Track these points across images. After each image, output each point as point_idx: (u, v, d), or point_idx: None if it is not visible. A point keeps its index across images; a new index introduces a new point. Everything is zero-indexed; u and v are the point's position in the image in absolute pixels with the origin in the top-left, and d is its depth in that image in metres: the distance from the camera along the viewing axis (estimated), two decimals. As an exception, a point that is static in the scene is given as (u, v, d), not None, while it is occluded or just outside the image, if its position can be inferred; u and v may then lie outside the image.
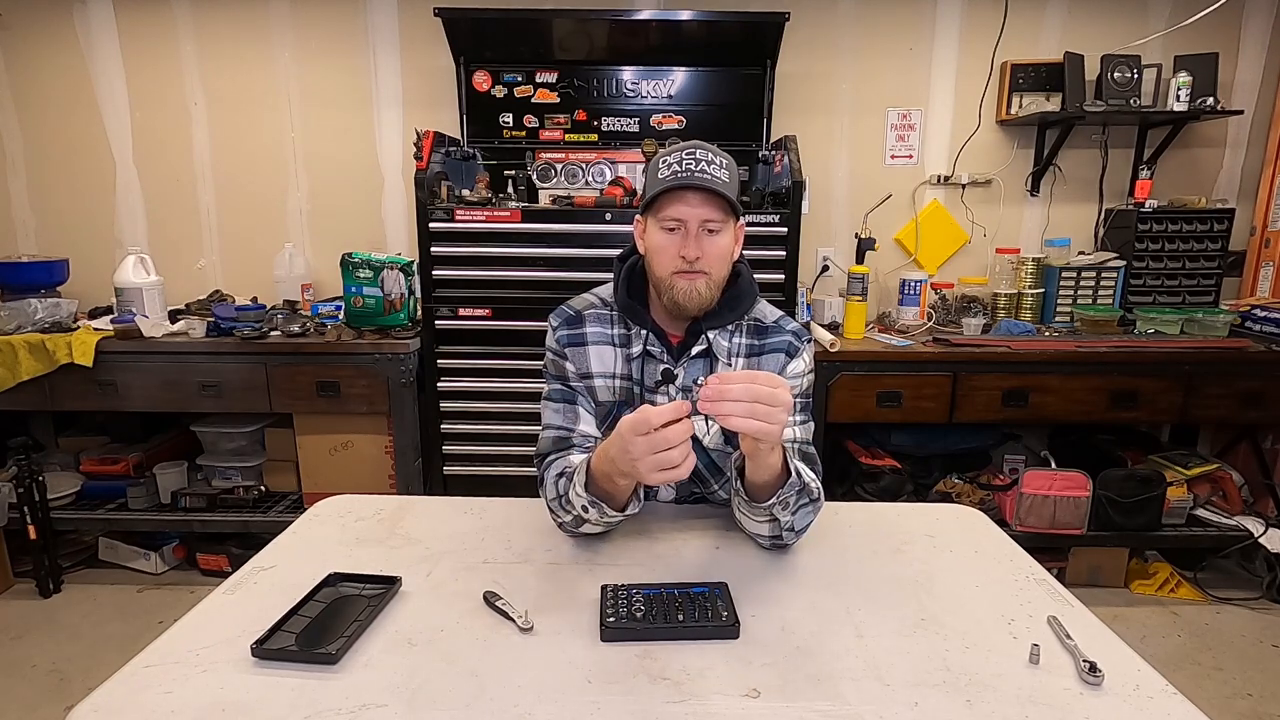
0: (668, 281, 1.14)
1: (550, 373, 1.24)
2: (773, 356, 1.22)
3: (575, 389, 1.21)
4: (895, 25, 2.78)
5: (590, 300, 1.26)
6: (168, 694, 0.78)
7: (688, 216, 1.10)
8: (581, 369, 1.22)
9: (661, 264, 1.13)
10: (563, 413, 1.20)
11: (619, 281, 1.24)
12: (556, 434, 1.20)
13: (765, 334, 1.23)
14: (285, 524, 1.22)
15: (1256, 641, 2.30)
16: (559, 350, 1.22)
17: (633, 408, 1.12)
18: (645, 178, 1.21)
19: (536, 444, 1.22)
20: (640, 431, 0.90)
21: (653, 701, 0.78)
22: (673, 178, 1.09)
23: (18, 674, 2.11)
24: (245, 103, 2.82)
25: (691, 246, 1.10)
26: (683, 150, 1.12)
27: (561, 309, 1.26)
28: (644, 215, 1.17)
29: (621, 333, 1.23)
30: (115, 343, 2.37)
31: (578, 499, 1.06)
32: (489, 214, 2.32)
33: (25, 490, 2.41)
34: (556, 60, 2.68)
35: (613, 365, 1.21)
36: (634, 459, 0.91)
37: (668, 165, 1.11)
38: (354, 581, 0.99)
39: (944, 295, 2.80)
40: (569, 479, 1.09)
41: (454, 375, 2.43)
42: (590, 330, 1.22)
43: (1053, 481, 2.45)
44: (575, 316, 1.24)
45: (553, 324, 1.25)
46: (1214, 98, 2.59)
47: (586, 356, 1.22)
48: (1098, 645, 0.88)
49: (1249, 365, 2.39)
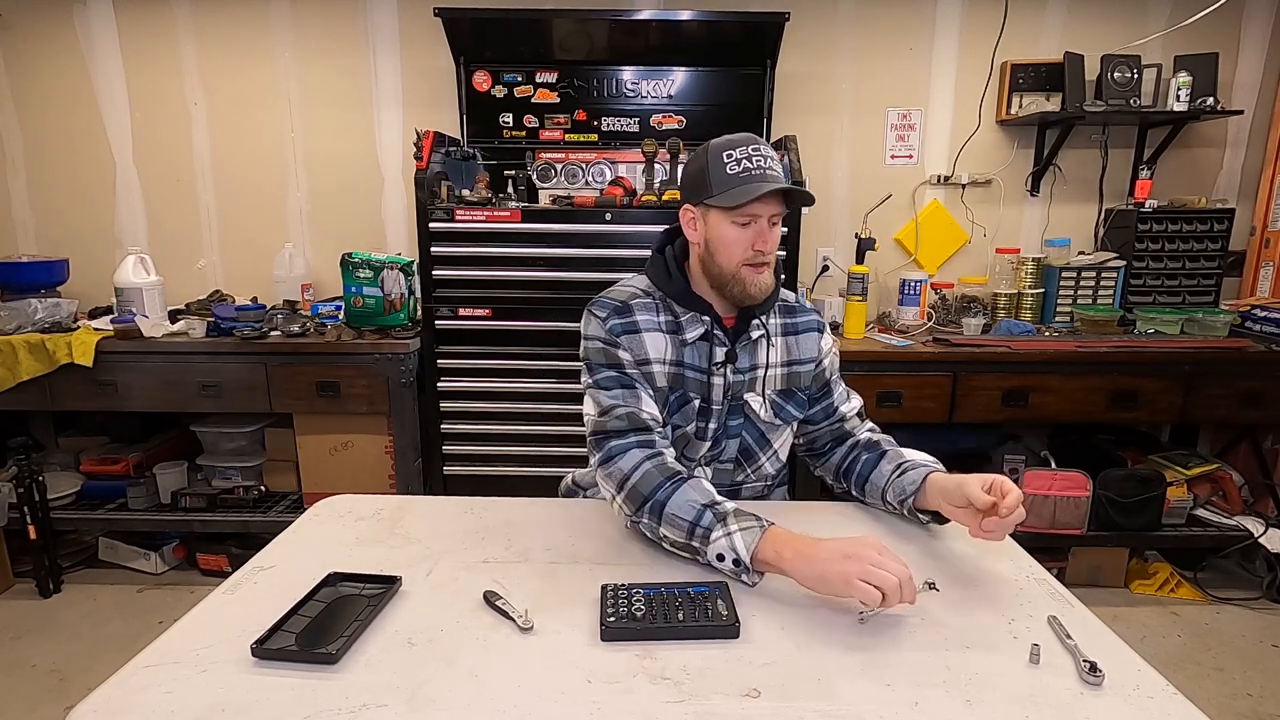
0: (736, 274, 1.18)
1: (598, 362, 1.22)
2: (807, 336, 1.33)
3: (632, 375, 1.20)
4: (895, 25, 2.78)
5: (631, 290, 1.27)
6: (168, 694, 0.78)
7: (764, 212, 1.16)
8: (639, 355, 1.22)
9: (731, 256, 1.18)
10: (623, 396, 1.18)
11: (667, 270, 1.25)
12: (627, 410, 1.17)
13: (794, 314, 1.33)
14: (285, 524, 1.22)
15: (1256, 641, 2.30)
16: (610, 339, 1.21)
17: (683, 394, 1.22)
18: (689, 169, 1.22)
19: (595, 423, 1.18)
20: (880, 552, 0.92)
21: (653, 701, 0.78)
22: (745, 174, 1.13)
23: (18, 674, 2.11)
24: (245, 102, 2.82)
25: (767, 239, 1.17)
26: (747, 145, 1.15)
27: (602, 300, 1.25)
28: (701, 206, 1.19)
29: (669, 319, 1.24)
30: (115, 343, 2.37)
31: (719, 542, 1.00)
32: (489, 214, 2.32)
33: (25, 490, 2.41)
34: (556, 60, 2.68)
35: (664, 352, 1.23)
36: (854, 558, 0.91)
37: (735, 160, 1.14)
38: (354, 581, 0.99)
39: (944, 295, 2.79)
40: (708, 510, 1.03)
41: (454, 375, 2.43)
42: (641, 318, 1.23)
43: (1053, 481, 2.45)
44: (622, 306, 1.23)
45: (598, 315, 1.23)
46: (1214, 98, 2.59)
47: (642, 343, 1.22)
48: (1098, 645, 0.88)
49: (1249, 365, 2.39)
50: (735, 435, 1.29)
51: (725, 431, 1.28)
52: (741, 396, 1.27)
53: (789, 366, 1.31)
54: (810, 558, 0.94)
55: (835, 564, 0.92)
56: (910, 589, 0.89)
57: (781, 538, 0.98)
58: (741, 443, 1.30)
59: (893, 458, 1.25)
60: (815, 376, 1.34)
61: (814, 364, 1.32)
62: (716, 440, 1.28)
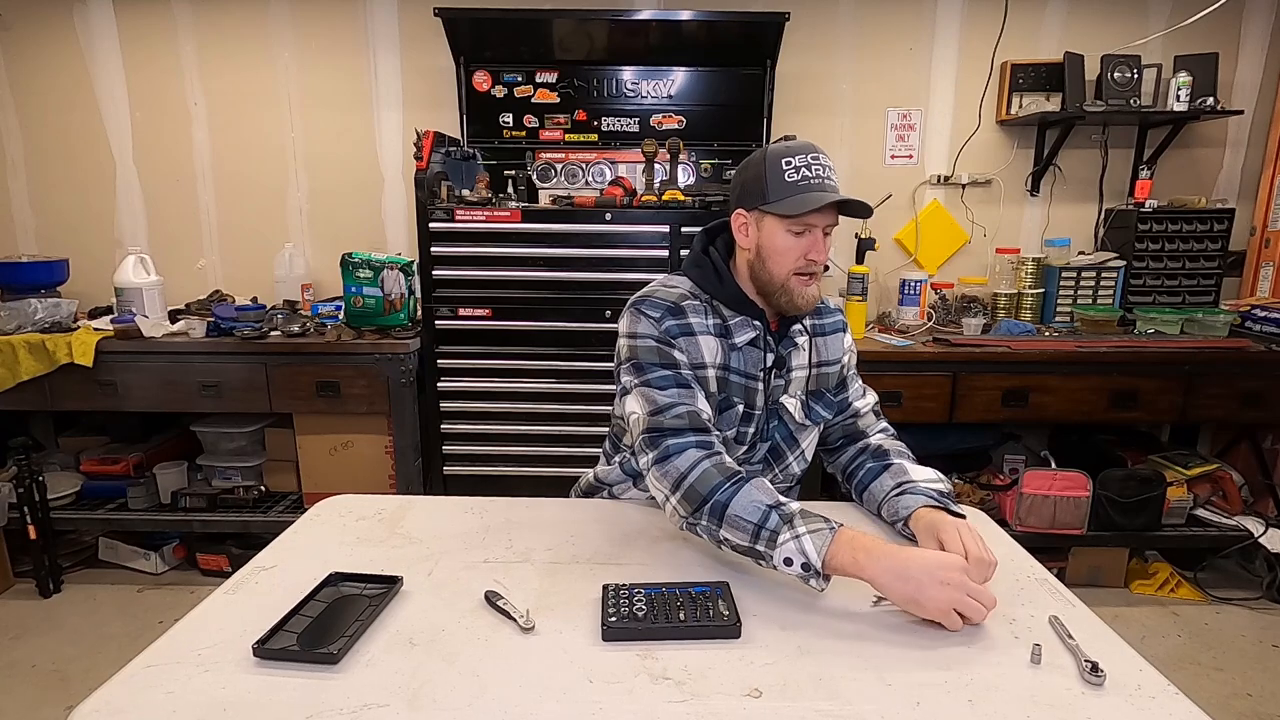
0: (786, 283, 1.18)
1: (649, 361, 1.17)
2: (835, 336, 1.34)
3: (687, 375, 1.17)
4: (895, 25, 2.78)
5: (680, 291, 1.23)
6: (169, 694, 0.78)
7: (820, 223, 1.15)
8: (695, 359, 1.19)
9: (783, 264, 1.17)
10: (680, 395, 1.14)
11: (715, 274, 1.23)
12: (689, 410, 1.12)
13: (822, 315, 1.34)
14: (285, 524, 1.22)
15: (1256, 641, 2.30)
16: (666, 339, 1.17)
17: (727, 398, 1.21)
18: (744, 173, 1.20)
19: (649, 421, 1.12)
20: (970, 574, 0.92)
21: (654, 701, 0.78)
22: (805, 183, 1.12)
23: (18, 674, 2.11)
24: (245, 102, 2.82)
25: (822, 251, 1.16)
26: (807, 154, 1.14)
27: (653, 300, 1.20)
28: (756, 212, 1.17)
29: (716, 322, 1.22)
30: (115, 343, 2.37)
31: (786, 545, 0.96)
32: (489, 214, 2.32)
33: (25, 490, 2.41)
34: (556, 60, 2.68)
35: (715, 354, 1.21)
36: (946, 584, 0.90)
37: (794, 168, 1.13)
38: (355, 581, 0.99)
39: (944, 295, 2.80)
40: (774, 511, 0.99)
41: (454, 375, 2.43)
42: (694, 320, 1.20)
43: (1053, 481, 2.45)
44: (675, 307, 1.20)
45: (650, 314, 1.19)
46: (1214, 98, 2.59)
47: (698, 345, 1.20)
48: (1099, 645, 0.88)
49: (1249, 365, 2.39)
50: (769, 438, 1.29)
51: (761, 434, 1.28)
52: (779, 400, 1.27)
53: (819, 368, 1.32)
54: (901, 574, 0.91)
55: (931, 589, 0.89)
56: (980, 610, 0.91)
57: (857, 541, 0.95)
58: (772, 444, 1.30)
59: (896, 473, 1.23)
60: (836, 374, 1.35)
61: (839, 364, 1.34)
62: (752, 444, 1.28)
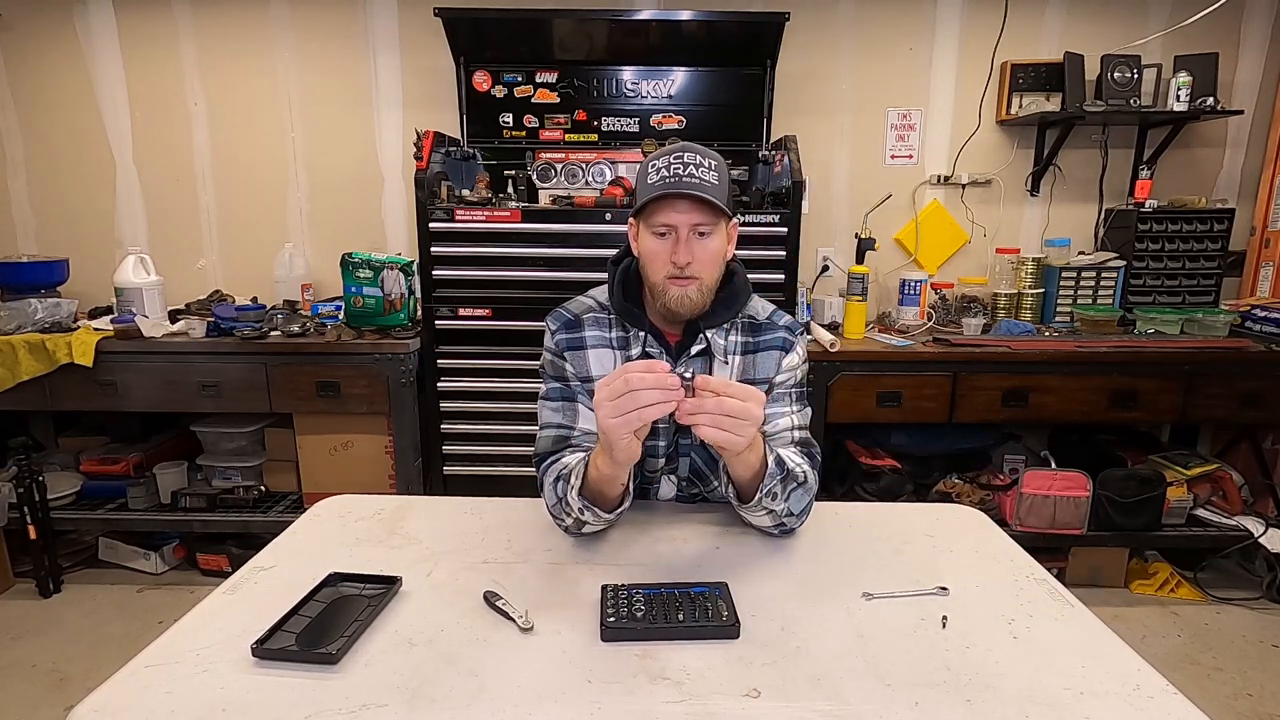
0: (660, 287, 1.14)
1: (548, 373, 1.25)
2: (767, 354, 1.22)
3: (575, 388, 1.22)
4: (895, 25, 2.78)
5: (588, 304, 1.26)
6: (168, 694, 0.78)
7: (677, 222, 1.10)
8: (581, 372, 1.22)
9: (654, 269, 1.14)
10: (562, 411, 1.21)
11: (614, 284, 1.24)
12: (556, 433, 1.20)
13: (759, 331, 1.24)
14: (285, 524, 1.22)
15: (1256, 641, 2.30)
16: (557, 353, 1.23)
17: None
18: (636, 182, 1.20)
19: (535, 444, 1.22)
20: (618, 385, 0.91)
21: (653, 701, 0.78)
22: (661, 184, 1.09)
23: (18, 674, 2.11)
24: (245, 103, 2.82)
25: (682, 252, 1.10)
26: (670, 154, 1.11)
27: (559, 311, 1.26)
28: (636, 219, 1.17)
29: (619, 335, 1.23)
30: (115, 343, 2.37)
31: (575, 501, 1.07)
32: (489, 214, 2.32)
33: (25, 490, 2.41)
34: (556, 60, 2.68)
35: (611, 368, 1.21)
36: (599, 403, 0.92)
37: (656, 170, 1.11)
38: (354, 581, 0.99)
39: (944, 295, 2.80)
40: (566, 481, 1.09)
41: (454, 375, 2.43)
42: (589, 334, 1.23)
43: (1053, 481, 2.45)
44: (574, 320, 1.24)
45: (551, 326, 1.25)
46: (1214, 98, 2.59)
47: (586, 360, 1.22)
48: (1099, 645, 0.88)
49: (1249, 365, 2.39)
50: (685, 454, 1.25)
51: (677, 449, 1.25)
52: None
53: None
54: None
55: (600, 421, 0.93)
56: (672, 381, 0.89)
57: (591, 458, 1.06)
58: (692, 462, 1.26)
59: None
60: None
61: (767, 384, 1.21)
62: (670, 456, 1.26)
